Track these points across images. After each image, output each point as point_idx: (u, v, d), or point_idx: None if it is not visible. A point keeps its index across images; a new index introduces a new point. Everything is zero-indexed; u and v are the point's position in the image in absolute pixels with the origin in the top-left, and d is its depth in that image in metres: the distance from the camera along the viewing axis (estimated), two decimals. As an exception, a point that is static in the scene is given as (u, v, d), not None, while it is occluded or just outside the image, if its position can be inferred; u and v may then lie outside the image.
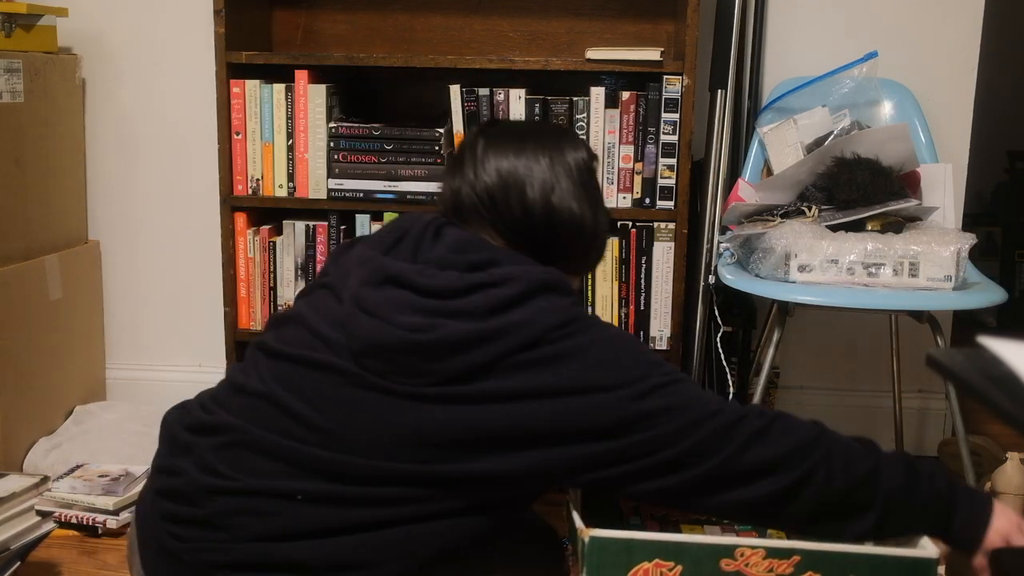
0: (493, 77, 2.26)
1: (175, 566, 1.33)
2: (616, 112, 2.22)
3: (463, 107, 2.24)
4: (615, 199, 2.25)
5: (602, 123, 2.22)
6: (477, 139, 1.45)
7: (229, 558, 1.30)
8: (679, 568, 1.32)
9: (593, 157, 1.48)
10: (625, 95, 2.21)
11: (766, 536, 1.56)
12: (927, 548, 1.33)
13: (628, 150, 2.23)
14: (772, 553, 1.32)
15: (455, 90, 2.24)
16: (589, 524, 1.34)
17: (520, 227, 1.41)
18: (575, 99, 2.23)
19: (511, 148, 1.43)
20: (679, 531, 1.58)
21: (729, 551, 1.32)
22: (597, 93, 2.21)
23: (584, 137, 2.22)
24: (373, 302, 1.33)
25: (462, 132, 2.25)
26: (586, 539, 1.33)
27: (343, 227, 2.31)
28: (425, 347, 1.29)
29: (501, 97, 2.23)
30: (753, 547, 1.32)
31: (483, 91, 2.23)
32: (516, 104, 2.22)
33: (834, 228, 2.04)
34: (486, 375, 1.28)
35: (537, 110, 2.22)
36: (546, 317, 1.30)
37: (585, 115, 2.22)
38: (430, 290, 1.33)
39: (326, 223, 2.31)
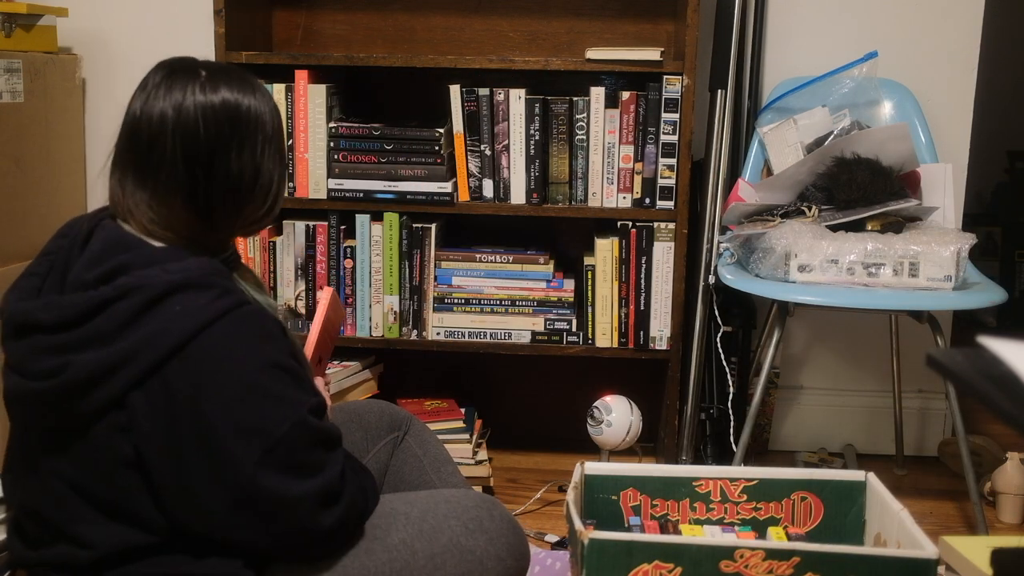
0: (493, 77, 2.26)
1: None
2: (616, 112, 2.22)
3: (463, 107, 2.24)
4: (615, 199, 2.25)
5: (602, 123, 2.22)
6: (157, 73, 1.35)
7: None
8: (679, 570, 1.32)
9: (267, 113, 1.36)
10: (625, 95, 2.21)
11: (766, 538, 1.56)
12: (926, 549, 1.33)
13: (628, 150, 2.23)
14: (772, 555, 1.32)
15: (455, 90, 2.24)
16: (588, 524, 1.34)
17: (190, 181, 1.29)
18: (575, 99, 2.23)
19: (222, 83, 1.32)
20: (679, 532, 1.58)
21: (729, 553, 1.32)
22: (597, 93, 2.21)
23: (584, 137, 2.22)
24: (15, 355, 1.27)
25: (462, 132, 2.25)
26: (585, 541, 1.33)
27: (343, 227, 2.32)
28: (53, 392, 1.23)
29: (501, 97, 2.23)
30: (753, 549, 1.32)
31: (483, 91, 2.23)
32: (516, 104, 2.22)
33: (834, 228, 2.04)
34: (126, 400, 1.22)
35: (537, 110, 2.22)
36: (177, 325, 1.21)
37: (585, 115, 2.22)
38: (57, 324, 1.24)
39: (326, 223, 2.31)
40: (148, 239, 1.30)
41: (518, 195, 2.26)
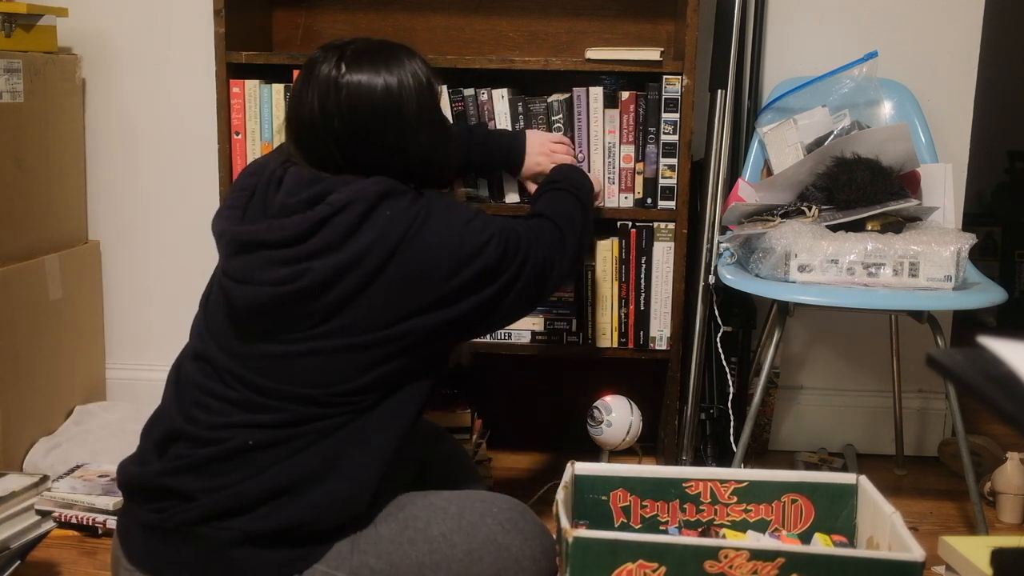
0: (493, 77, 2.26)
1: (159, 539, 1.44)
2: (616, 112, 2.21)
3: (452, 107, 2.23)
4: (617, 199, 2.25)
5: (601, 123, 2.22)
6: (327, 58, 1.53)
7: (206, 511, 1.40)
8: (663, 569, 1.32)
9: (429, 76, 1.57)
10: (624, 95, 2.21)
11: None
12: (913, 551, 1.33)
13: (629, 150, 2.23)
14: (756, 555, 1.31)
15: (442, 91, 2.23)
16: (577, 524, 1.34)
17: (356, 137, 1.50)
18: (551, 100, 2.21)
19: (366, 62, 1.52)
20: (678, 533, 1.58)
21: (713, 552, 1.32)
22: (596, 93, 2.21)
23: (582, 138, 2.22)
24: (239, 270, 1.48)
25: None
26: (570, 539, 1.33)
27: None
28: (298, 294, 1.43)
29: (485, 97, 2.22)
30: (737, 549, 1.32)
31: (468, 91, 2.22)
32: (500, 103, 2.21)
33: (834, 228, 2.04)
34: (359, 295, 1.43)
35: (520, 109, 2.21)
36: (394, 226, 1.44)
37: (561, 115, 2.20)
38: (284, 241, 1.45)
39: (326, 223, 2.30)
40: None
41: (511, 194, 2.25)
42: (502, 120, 2.21)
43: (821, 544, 1.52)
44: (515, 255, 1.54)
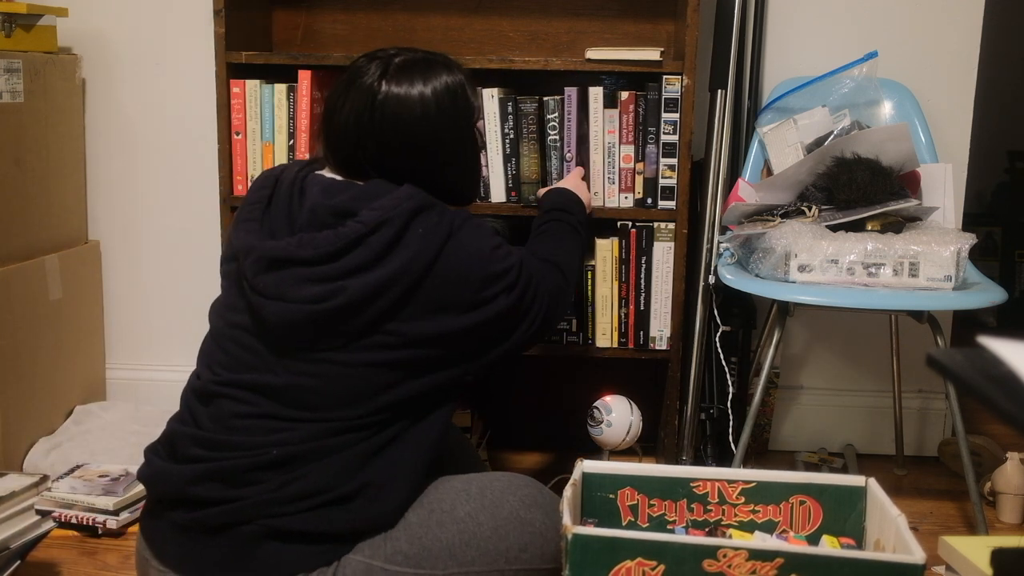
0: (493, 77, 2.26)
1: (193, 539, 1.44)
2: (616, 112, 2.21)
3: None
4: (617, 199, 2.25)
5: (601, 123, 2.21)
6: (369, 69, 1.57)
7: (240, 515, 1.42)
8: (661, 568, 1.32)
9: (468, 95, 1.62)
10: (624, 95, 2.20)
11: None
12: (915, 554, 1.33)
13: (629, 150, 2.23)
14: (755, 555, 1.31)
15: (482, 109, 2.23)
16: (589, 522, 1.34)
17: (388, 148, 1.54)
18: (546, 99, 2.21)
19: (405, 75, 1.56)
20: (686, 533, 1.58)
21: (712, 552, 1.32)
22: (596, 93, 2.21)
23: (557, 137, 2.22)
24: (270, 286, 1.46)
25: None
26: (569, 536, 1.33)
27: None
28: (334, 312, 1.44)
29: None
30: (736, 548, 1.32)
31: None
32: (490, 103, 2.21)
33: (834, 228, 2.04)
34: (397, 312, 1.45)
35: (510, 109, 2.20)
36: (427, 243, 1.47)
37: (556, 115, 2.20)
38: (316, 258, 1.45)
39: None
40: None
41: (498, 193, 2.25)
42: (492, 120, 2.21)
43: (828, 546, 1.52)
44: (529, 288, 1.60)
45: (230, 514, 1.42)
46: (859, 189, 2.05)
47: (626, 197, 2.25)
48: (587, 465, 1.60)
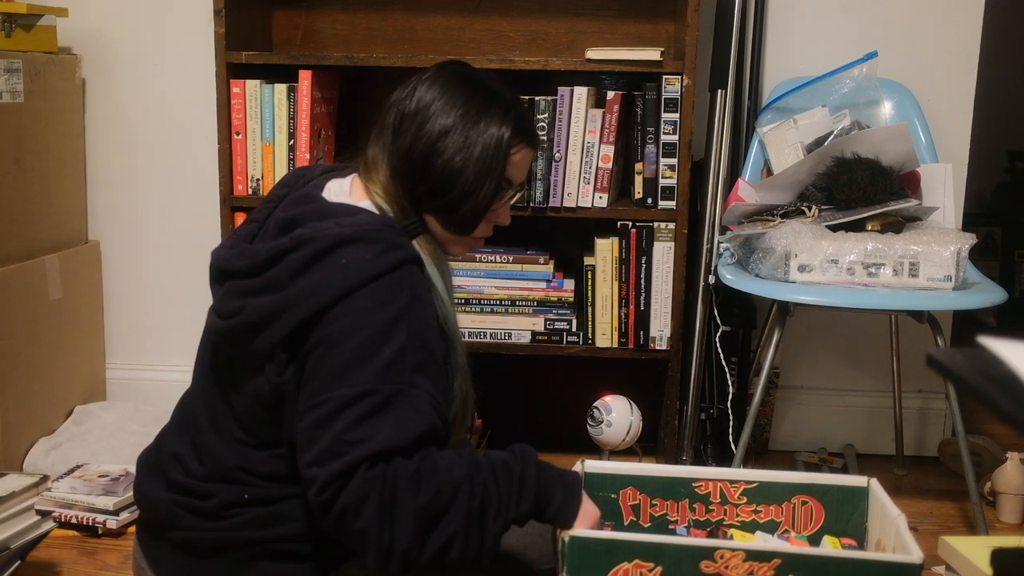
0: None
1: (190, 555, 1.42)
2: (600, 112, 2.21)
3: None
4: (591, 198, 2.24)
5: (583, 122, 2.21)
6: (430, 72, 1.48)
7: (231, 540, 1.39)
8: (659, 569, 1.32)
9: (513, 138, 1.45)
10: (611, 94, 2.19)
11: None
12: (912, 554, 1.33)
13: (608, 149, 2.23)
14: (752, 556, 1.31)
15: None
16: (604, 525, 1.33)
17: (403, 158, 1.42)
18: (536, 99, 2.21)
19: (444, 88, 1.44)
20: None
21: (709, 553, 1.32)
22: (580, 93, 2.19)
23: (562, 138, 2.22)
24: (215, 296, 1.40)
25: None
26: (566, 538, 1.33)
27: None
28: (233, 331, 1.33)
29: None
30: (733, 549, 1.32)
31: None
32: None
33: (834, 228, 2.04)
34: (290, 343, 1.29)
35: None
36: (340, 276, 1.27)
37: (547, 115, 2.20)
38: (243, 270, 1.35)
39: (326, 223, 2.30)
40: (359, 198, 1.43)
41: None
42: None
43: (829, 547, 1.52)
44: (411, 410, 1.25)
45: (219, 541, 1.39)
46: (859, 189, 2.05)
47: (600, 197, 2.24)
48: (589, 465, 1.59)
